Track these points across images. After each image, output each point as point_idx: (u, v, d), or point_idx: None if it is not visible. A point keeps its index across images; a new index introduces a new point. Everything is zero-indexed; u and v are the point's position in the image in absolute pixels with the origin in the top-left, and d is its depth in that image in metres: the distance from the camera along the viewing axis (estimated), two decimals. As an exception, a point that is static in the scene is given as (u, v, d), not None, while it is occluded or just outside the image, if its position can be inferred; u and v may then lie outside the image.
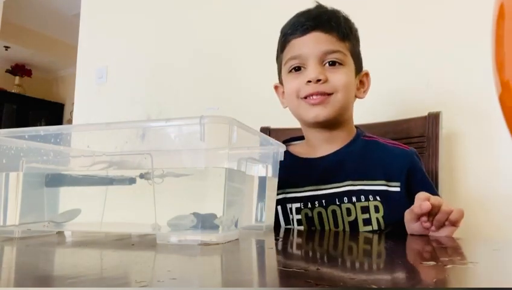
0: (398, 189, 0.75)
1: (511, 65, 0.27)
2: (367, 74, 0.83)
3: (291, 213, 0.79)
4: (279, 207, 0.80)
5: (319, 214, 0.76)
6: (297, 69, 0.77)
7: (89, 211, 0.56)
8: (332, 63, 0.75)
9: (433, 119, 0.96)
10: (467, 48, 1.04)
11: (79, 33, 2.03)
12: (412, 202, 0.65)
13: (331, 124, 0.78)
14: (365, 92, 0.82)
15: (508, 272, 0.35)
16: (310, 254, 0.47)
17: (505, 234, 0.96)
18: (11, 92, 4.38)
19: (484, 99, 0.98)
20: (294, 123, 0.87)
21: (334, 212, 0.75)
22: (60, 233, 0.59)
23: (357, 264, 0.38)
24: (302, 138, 0.87)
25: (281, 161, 0.67)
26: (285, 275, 0.31)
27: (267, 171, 0.65)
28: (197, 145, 0.48)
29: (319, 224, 0.76)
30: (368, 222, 0.74)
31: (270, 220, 0.67)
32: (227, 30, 1.53)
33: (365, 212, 0.74)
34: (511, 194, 0.97)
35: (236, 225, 0.52)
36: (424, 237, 0.62)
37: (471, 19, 1.03)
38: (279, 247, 0.52)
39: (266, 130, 1.12)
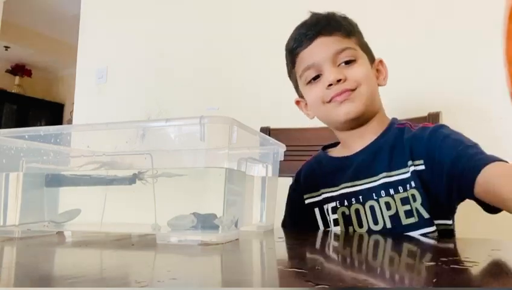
0: (422, 167, 0.71)
1: None
2: (381, 61, 0.82)
3: (328, 214, 0.77)
4: (316, 209, 0.79)
5: (357, 211, 0.74)
6: (315, 78, 0.76)
7: (89, 211, 0.56)
8: (347, 62, 0.75)
9: (433, 119, 0.96)
10: (467, 48, 1.04)
11: (79, 33, 2.03)
12: (437, 173, 0.67)
13: (361, 120, 0.76)
14: (385, 78, 0.81)
15: (508, 272, 0.35)
16: (310, 254, 0.47)
17: (505, 234, 0.96)
18: (11, 92, 4.38)
19: (484, 99, 0.98)
20: (294, 123, 0.87)
21: (372, 207, 0.72)
22: (60, 233, 0.59)
23: (357, 264, 0.38)
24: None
25: (320, 164, 0.64)
26: (285, 275, 0.31)
27: (267, 171, 0.66)
28: (197, 145, 0.48)
29: (357, 222, 0.73)
30: (409, 213, 0.70)
31: (270, 220, 0.67)
32: (227, 30, 1.53)
33: (406, 204, 0.70)
34: (511, 194, 0.96)
35: (236, 225, 0.52)
36: (424, 237, 0.62)
37: (471, 19, 1.03)
38: (279, 247, 0.52)
39: (266, 130, 1.12)
